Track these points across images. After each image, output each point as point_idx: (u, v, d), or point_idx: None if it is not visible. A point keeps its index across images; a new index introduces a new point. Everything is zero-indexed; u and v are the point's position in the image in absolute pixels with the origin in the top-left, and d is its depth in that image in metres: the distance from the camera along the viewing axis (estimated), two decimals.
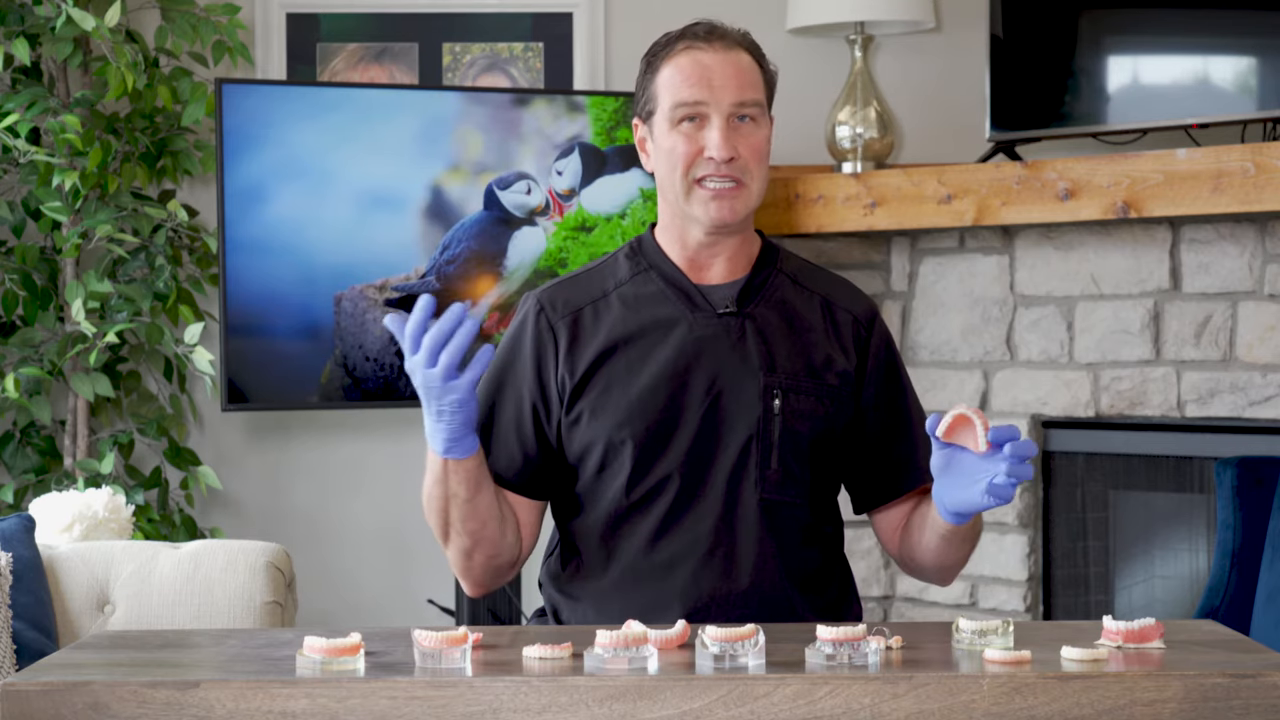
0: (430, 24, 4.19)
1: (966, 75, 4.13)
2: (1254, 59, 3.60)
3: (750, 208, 2.32)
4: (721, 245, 2.35)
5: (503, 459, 2.34)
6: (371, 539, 4.24)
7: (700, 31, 2.33)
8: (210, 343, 3.94)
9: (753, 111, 2.31)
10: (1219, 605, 3.23)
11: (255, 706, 1.79)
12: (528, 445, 2.34)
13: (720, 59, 2.31)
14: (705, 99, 2.29)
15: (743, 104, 2.30)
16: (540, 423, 2.34)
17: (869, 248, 4.12)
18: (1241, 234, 3.57)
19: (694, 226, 2.34)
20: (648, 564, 2.30)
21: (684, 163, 2.30)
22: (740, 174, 2.30)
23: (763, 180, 2.33)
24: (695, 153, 2.30)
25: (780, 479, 2.30)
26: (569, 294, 2.38)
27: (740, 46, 2.34)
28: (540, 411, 2.34)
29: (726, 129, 2.29)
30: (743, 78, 2.31)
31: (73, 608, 2.82)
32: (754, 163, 2.31)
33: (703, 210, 2.31)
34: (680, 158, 2.30)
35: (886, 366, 2.40)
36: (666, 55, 2.33)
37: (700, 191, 2.30)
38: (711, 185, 2.30)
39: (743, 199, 2.31)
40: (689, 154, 2.30)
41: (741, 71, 2.31)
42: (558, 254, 3.84)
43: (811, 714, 1.78)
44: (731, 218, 2.31)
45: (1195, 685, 1.79)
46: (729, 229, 2.33)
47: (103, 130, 3.88)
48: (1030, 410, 3.89)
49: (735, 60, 2.32)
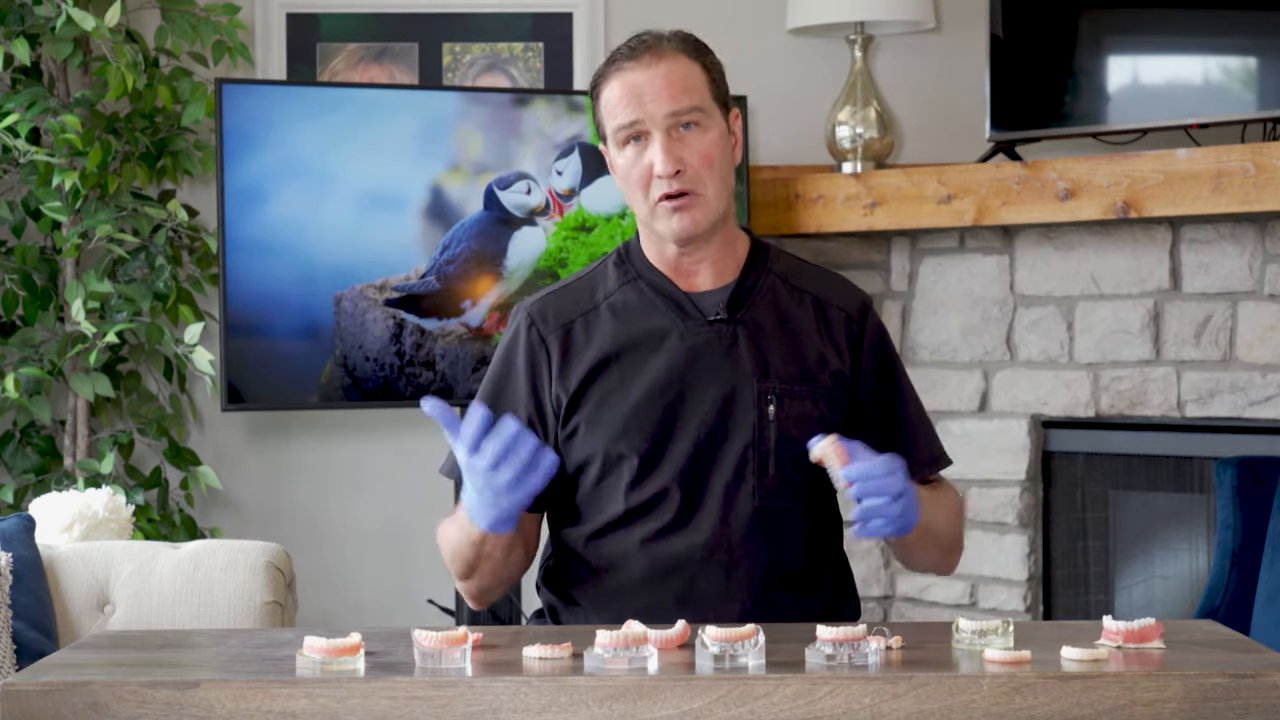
0: (430, 24, 4.19)
1: (966, 75, 4.13)
2: (1254, 59, 3.60)
3: (713, 214, 2.29)
4: (701, 252, 2.33)
5: None
6: (371, 539, 4.24)
7: (625, 50, 2.30)
8: (210, 343, 3.94)
9: (692, 117, 2.27)
10: (1219, 605, 3.23)
11: (255, 706, 1.79)
12: None
13: (648, 74, 2.27)
14: (639, 117, 2.27)
15: (677, 113, 2.27)
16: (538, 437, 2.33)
17: (869, 248, 4.12)
18: (1241, 234, 3.57)
19: (666, 241, 2.33)
20: (646, 573, 2.29)
21: (639, 184, 2.29)
22: (692, 184, 2.27)
23: (720, 184, 2.29)
24: (646, 172, 2.28)
25: (777, 485, 2.30)
26: (559, 305, 2.37)
27: (674, 51, 2.29)
28: (537, 426, 2.33)
29: (668, 142, 2.26)
30: (675, 86, 2.27)
31: (73, 608, 2.82)
32: (704, 169, 2.27)
33: (666, 225, 2.29)
34: (635, 180, 2.29)
35: (880, 360, 2.39)
36: (602, 80, 2.32)
37: (660, 207, 2.28)
38: (668, 201, 2.28)
39: (700, 208, 2.28)
40: (642, 175, 2.28)
41: (674, 80, 2.27)
42: (558, 254, 3.84)
43: (811, 714, 1.78)
44: (694, 228, 2.29)
45: (1195, 685, 1.79)
46: (697, 238, 2.31)
47: (103, 130, 3.88)
48: (1030, 410, 3.89)
49: (665, 70, 2.28)
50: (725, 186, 2.30)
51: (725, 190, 2.30)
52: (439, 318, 3.76)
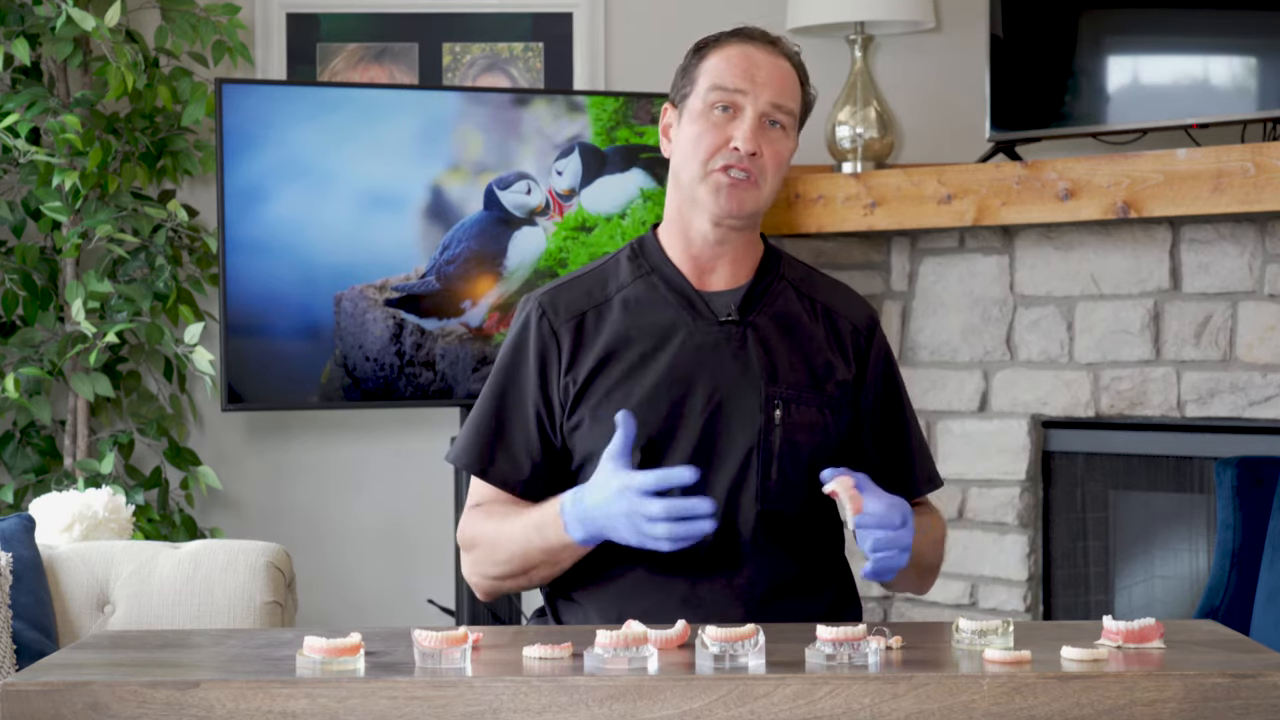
0: (430, 24, 4.19)
1: (966, 75, 4.13)
2: (1254, 59, 3.60)
3: (759, 207, 2.32)
4: (726, 245, 2.34)
5: (513, 468, 2.33)
6: (371, 539, 4.24)
7: (756, 32, 2.36)
8: (210, 343, 3.94)
9: (785, 119, 2.32)
10: (1219, 605, 3.23)
11: (255, 706, 1.79)
12: (535, 453, 2.33)
13: (769, 59, 2.33)
14: (745, 89, 2.30)
15: (779, 106, 2.31)
16: (545, 429, 2.33)
17: (869, 248, 4.12)
18: (1241, 234, 3.57)
19: (700, 218, 2.33)
20: (647, 573, 2.29)
21: (708, 149, 2.30)
22: (758, 171, 2.30)
23: (775, 187, 2.33)
24: (721, 142, 2.30)
25: (780, 490, 2.30)
26: (570, 297, 2.37)
27: (790, 59, 2.36)
28: (544, 418, 2.33)
29: (757, 125, 2.30)
30: (785, 82, 2.33)
31: (73, 608, 2.82)
32: (772, 166, 2.31)
33: (712, 199, 2.30)
34: (706, 144, 2.30)
35: (885, 378, 2.40)
36: (717, 45, 2.35)
37: (715, 179, 2.29)
38: (728, 175, 2.29)
39: (753, 195, 2.30)
40: (715, 142, 2.30)
41: (785, 77, 2.33)
42: (558, 254, 3.84)
43: (811, 714, 1.78)
44: (739, 210, 2.30)
45: (1195, 685, 1.79)
46: (734, 223, 2.32)
47: (103, 130, 3.88)
48: (1030, 410, 3.89)
49: (783, 67, 2.34)
50: (774, 193, 2.34)
51: (772, 196, 2.34)
52: (439, 318, 3.76)
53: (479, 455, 2.35)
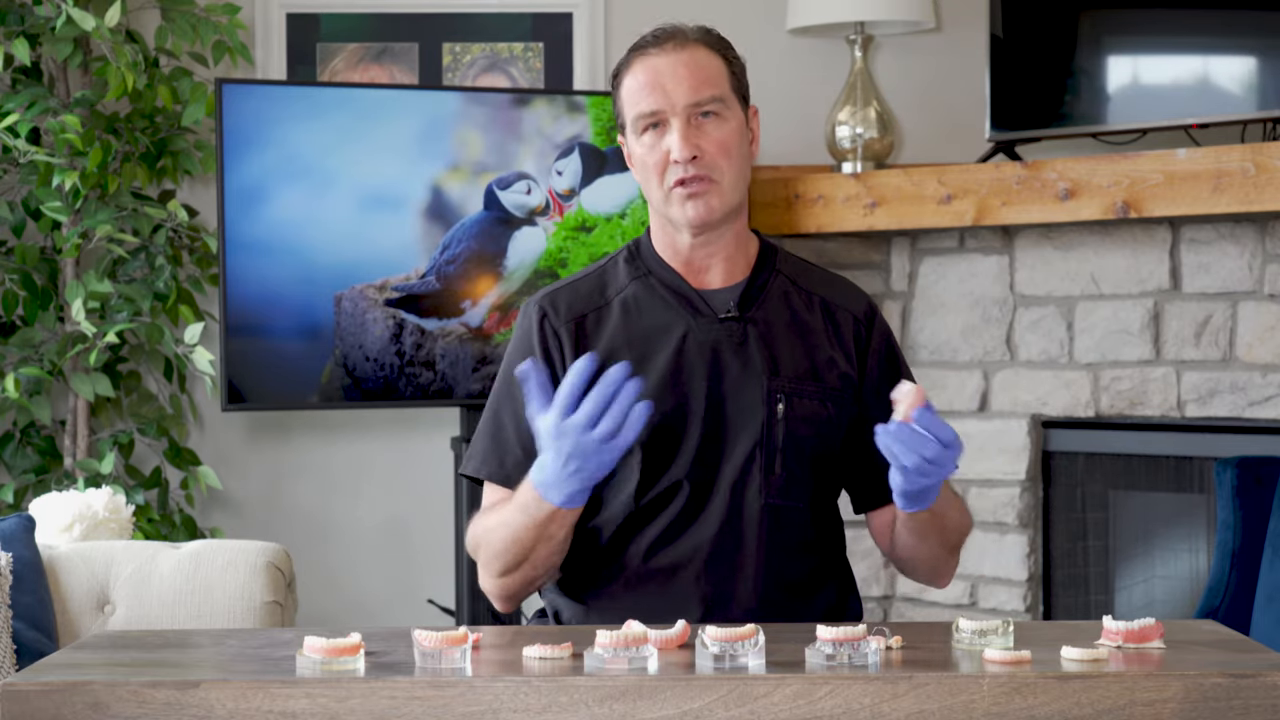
0: (430, 24, 4.19)
1: (966, 75, 4.13)
2: (1254, 59, 3.60)
3: (729, 203, 2.31)
4: (714, 246, 2.34)
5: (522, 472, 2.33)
6: (372, 539, 4.24)
7: (650, 38, 2.32)
8: (210, 343, 3.94)
9: (713, 107, 2.29)
10: (1219, 605, 3.23)
11: (255, 706, 1.79)
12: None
13: (671, 60, 2.30)
14: (660, 105, 2.28)
15: (698, 103, 2.28)
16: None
17: (869, 248, 4.12)
18: (1241, 234, 3.57)
19: (680, 230, 2.33)
20: (652, 570, 2.29)
21: (656, 171, 2.30)
22: (708, 171, 2.28)
23: (736, 174, 2.31)
24: (663, 159, 2.29)
25: (784, 484, 2.30)
26: (569, 300, 2.37)
27: (697, 43, 2.31)
28: None
29: (686, 129, 2.28)
30: (698, 75, 2.29)
31: (73, 608, 2.82)
32: (721, 158, 2.29)
33: (680, 212, 2.30)
34: (651, 166, 2.30)
35: (887, 362, 2.41)
36: (624, 68, 2.34)
37: (674, 195, 2.29)
38: (684, 187, 2.28)
39: (716, 195, 2.29)
40: (658, 161, 2.29)
41: (696, 69, 2.29)
42: (558, 254, 3.84)
43: (811, 714, 1.78)
44: (708, 215, 2.29)
45: (1195, 685, 1.79)
46: (711, 227, 2.31)
47: (103, 130, 3.88)
48: (1030, 410, 3.89)
49: (689, 59, 2.30)
50: (741, 178, 2.32)
51: (741, 182, 2.32)
52: (439, 318, 3.76)
53: (498, 462, 2.34)
